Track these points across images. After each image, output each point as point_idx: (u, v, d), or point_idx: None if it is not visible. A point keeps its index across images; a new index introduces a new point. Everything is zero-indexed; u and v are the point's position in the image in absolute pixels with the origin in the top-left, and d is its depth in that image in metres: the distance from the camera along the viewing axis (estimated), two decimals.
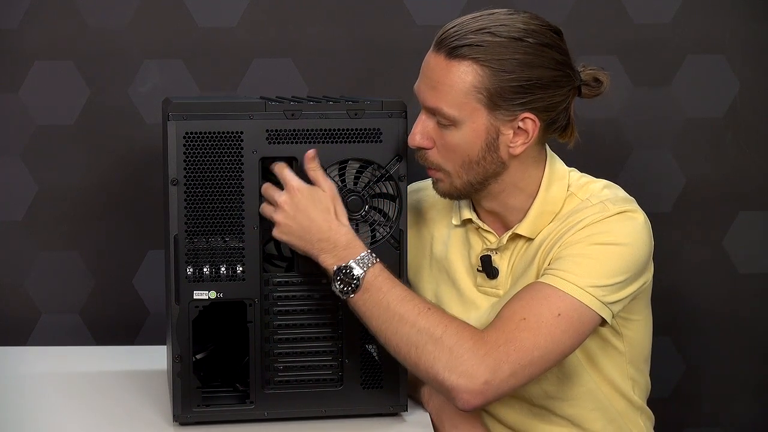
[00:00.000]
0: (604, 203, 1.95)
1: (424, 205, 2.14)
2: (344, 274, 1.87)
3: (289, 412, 1.96)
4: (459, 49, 1.88)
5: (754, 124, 2.57)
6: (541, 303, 1.86)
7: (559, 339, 1.85)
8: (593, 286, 1.88)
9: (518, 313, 1.86)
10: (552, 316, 1.85)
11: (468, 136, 1.91)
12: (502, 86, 1.88)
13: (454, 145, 1.92)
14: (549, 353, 1.85)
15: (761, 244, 2.60)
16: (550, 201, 1.99)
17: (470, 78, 1.88)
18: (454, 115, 1.90)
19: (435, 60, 1.91)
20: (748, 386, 2.63)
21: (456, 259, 2.08)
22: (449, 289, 2.08)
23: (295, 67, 2.52)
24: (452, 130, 1.91)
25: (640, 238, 1.94)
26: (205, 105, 1.91)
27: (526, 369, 1.84)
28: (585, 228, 1.92)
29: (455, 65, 1.89)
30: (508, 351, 1.83)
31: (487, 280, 2.04)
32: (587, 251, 1.90)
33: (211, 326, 1.98)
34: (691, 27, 2.54)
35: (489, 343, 1.83)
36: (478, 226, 2.04)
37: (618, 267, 1.90)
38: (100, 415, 2.02)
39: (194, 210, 1.90)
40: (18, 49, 2.49)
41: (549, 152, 2.03)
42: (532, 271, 1.97)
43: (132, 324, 2.57)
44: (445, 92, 1.89)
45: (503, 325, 1.85)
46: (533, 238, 1.99)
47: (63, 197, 2.53)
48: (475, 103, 1.89)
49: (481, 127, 1.91)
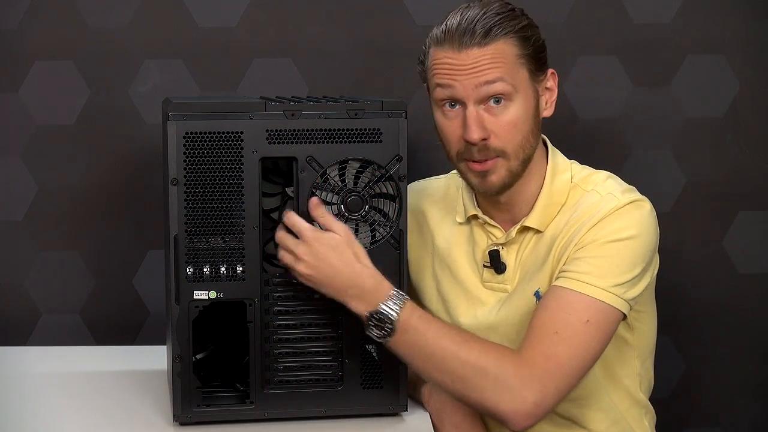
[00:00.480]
0: (613, 194, 1.98)
1: (425, 204, 2.15)
2: (377, 319, 1.89)
3: (289, 412, 1.96)
4: (490, 31, 1.95)
5: (754, 124, 2.57)
6: (569, 312, 1.90)
7: (591, 345, 1.90)
8: (615, 285, 1.92)
9: (549, 326, 1.89)
10: (581, 323, 1.89)
11: (523, 107, 1.97)
12: (534, 49, 1.99)
13: (513, 121, 1.96)
14: (585, 360, 1.90)
15: (761, 244, 2.60)
16: (555, 193, 2.02)
17: (512, 50, 1.96)
18: (512, 87, 1.95)
19: (467, 54, 1.95)
20: (748, 386, 2.63)
21: (460, 256, 2.09)
22: (454, 287, 2.09)
23: (295, 67, 2.52)
24: (508, 106, 1.96)
25: (649, 226, 1.98)
26: (205, 105, 1.91)
27: (568, 380, 1.89)
28: (598, 224, 1.95)
29: (493, 46, 1.95)
30: (549, 368, 1.87)
31: (494, 276, 2.04)
32: (604, 250, 1.93)
33: (211, 326, 1.98)
34: (691, 27, 2.54)
35: (530, 365, 1.87)
36: (484, 221, 2.05)
37: (634, 260, 1.94)
38: (100, 415, 2.02)
39: (194, 210, 1.90)
40: (18, 49, 2.49)
41: (550, 146, 2.07)
42: (547, 268, 1.99)
43: (132, 324, 2.56)
44: (498, 69, 1.95)
45: (538, 342, 1.88)
46: (542, 230, 2.01)
47: (63, 197, 2.53)
48: (522, 70, 1.97)
49: (530, 94, 1.98)
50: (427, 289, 2.13)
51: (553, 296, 1.93)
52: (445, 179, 2.18)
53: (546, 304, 1.93)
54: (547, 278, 1.99)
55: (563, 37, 2.49)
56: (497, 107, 1.96)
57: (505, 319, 2.03)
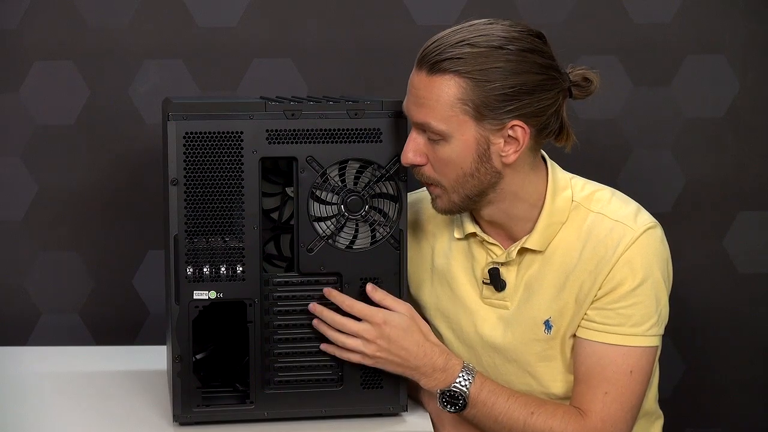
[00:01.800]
0: (624, 224, 1.96)
1: (423, 218, 2.12)
2: (449, 396, 1.94)
3: (289, 412, 1.96)
4: (440, 64, 1.88)
5: (754, 124, 2.57)
6: (614, 369, 1.94)
7: (638, 390, 1.96)
8: (649, 327, 1.95)
9: (597, 388, 1.94)
10: (626, 375, 1.94)
11: (459, 149, 1.90)
12: (487, 96, 1.87)
13: (446, 159, 1.91)
14: (635, 406, 1.96)
15: (761, 244, 2.60)
16: (557, 212, 1.98)
17: (453, 91, 1.87)
18: (442, 130, 1.89)
19: (418, 78, 1.91)
20: (748, 386, 2.63)
21: (458, 272, 2.07)
22: (454, 303, 2.07)
23: (295, 67, 2.52)
24: (443, 145, 1.90)
25: (665, 254, 1.99)
26: (205, 105, 1.91)
27: (627, 426, 1.96)
28: (618, 263, 1.94)
29: (438, 80, 1.88)
30: (608, 429, 1.94)
31: (494, 293, 2.03)
32: (631, 298, 1.94)
33: (211, 326, 1.98)
34: (691, 27, 2.54)
35: (590, 430, 1.93)
36: (483, 239, 2.03)
37: (659, 297, 1.97)
38: (100, 415, 2.02)
39: (194, 210, 1.90)
40: (18, 49, 2.49)
41: (550, 162, 2.02)
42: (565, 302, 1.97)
43: (132, 324, 2.56)
44: (431, 107, 1.89)
45: (593, 407, 1.93)
46: (543, 251, 1.99)
47: (63, 197, 2.53)
48: (461, 115, 1.88)
49: (470, 139, 1.90)
50: (427, 303, 2.11)
51: (593, 353, 1.95)
52: None
53: (587, 360, 1.95)
54: (564, 312, 1.98)
55: (563, 37, 2.49)
56: (434, 140, 1.91)
57: (511, 344, 2.02)
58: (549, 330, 1.98)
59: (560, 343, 1.99)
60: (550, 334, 1.98)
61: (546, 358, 2.00)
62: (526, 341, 2.00)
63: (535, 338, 2.00)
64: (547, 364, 2.00)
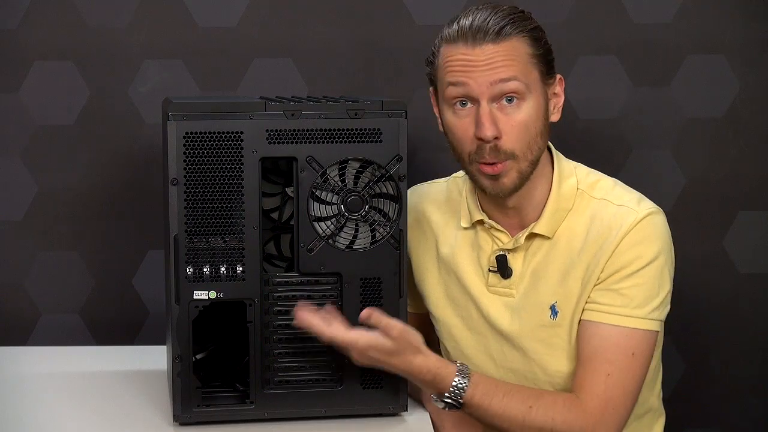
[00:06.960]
0: (627, 206, 1.99)
1: (428, 208, 2.14)
2: (446, 403, 1.94)
3: (289, 412, 1.96)
4: (504, 29, 1.94)
5: (754, 124, 2.57)
6: (615, 351, 1.95)
7: (639, 373, 1.96)
8: (651, 310, 1.97)
9: (599, 369, 1.94)
10: (627, 358, 1.95)
11: (534, 107, 1.96)
12: (544, 50, 1.98)
13: (523, 122, 1.95)
14: (635, 391, 1.97)
15: (761, 244, 2.60)
16: (563, 198, 2.02)
17: (526, 48, 1.96)
18: (527, 85, 1.95)
19: (481, 50, 1.94)
20: (748, 386, 2.62)
21: (464, 261, 2.08)
22: (461, 292, 2.08)
23: (295, 67, 2.52)
24: (521, 105, 1.95)
25: (668, 237, 2.01)
26: (205, 105, 1.91)
27: (626, 412, 1.96)
28: (622, 243, 1.96)
29: (507, 43, 1.95)
30: (609, 412, 1.94)
31: (500, 280, 2.04)
32: (634, 279, 1.96)
33: (211, 326, 1.98)
34: (691, 27, 2.54)
35: (592, 414, 1.93)
36: (491, 226, 2.04)
37: (662, 280, 1.98)
38: (100, 415, 2.02)
39: (194, 210, 1.90)
40: (18, 49, 2.50)
41: (554, 150, 2.06)
42: (572, 286, 1.99)
43: (132, 324, 2.57)
44: (511, 66, 1.94)
45: (593, 389, 1.94)
46: (551, 237, 2.01)
47: (63, 197, 2.53)
48: (534, 71, 1.97)
49: (540, 96, 1.98)
50: (432, 294, 2.12)
51: (596, 334, 1.96)
52: (446, 182, 2.17)
53: (590, 341, 1.96)
54: (569, 297, 1.99)
55: (563, 37, 2.49)
56: (510, 106, 1.95)
57: (518, 331, 2.03)
58: (555, 315, 2.00)
59: (566, 331, 2.00)
60: (555, 320, 2.00)
61: (552, 346, 2.01)
62: (533, 327, 2.02)
63: (540, 324, 2.01)
64: (552, 353, 2.01)
